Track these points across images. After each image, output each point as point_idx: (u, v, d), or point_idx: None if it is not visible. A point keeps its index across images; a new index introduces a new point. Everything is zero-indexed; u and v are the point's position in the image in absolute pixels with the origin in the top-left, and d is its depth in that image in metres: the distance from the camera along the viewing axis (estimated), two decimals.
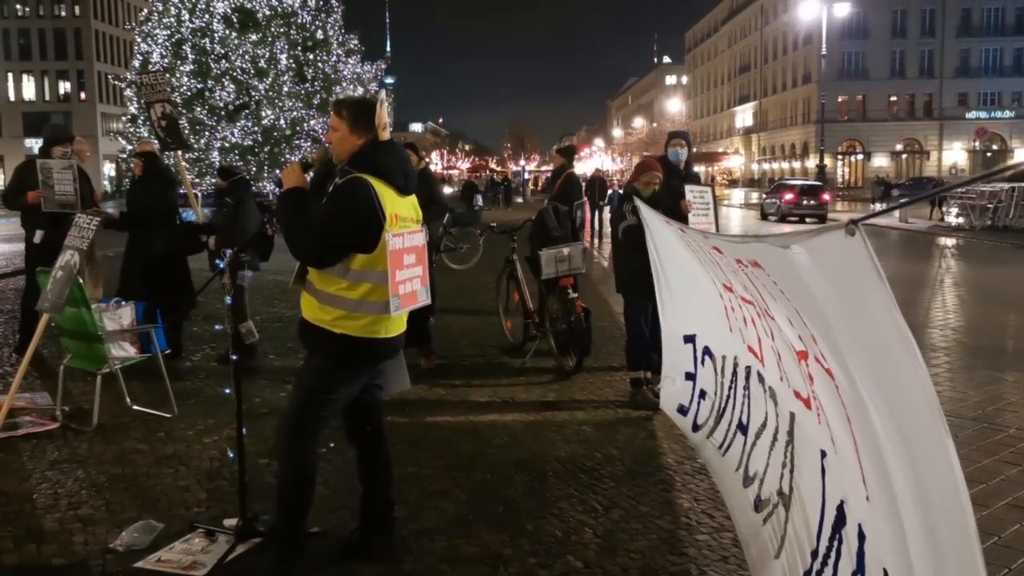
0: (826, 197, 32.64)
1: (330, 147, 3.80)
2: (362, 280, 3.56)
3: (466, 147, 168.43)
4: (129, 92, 27.87)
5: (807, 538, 2.91)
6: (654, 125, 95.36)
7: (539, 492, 4.82)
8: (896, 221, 28.64)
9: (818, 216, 31.57)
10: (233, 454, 4.33)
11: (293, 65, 27.12)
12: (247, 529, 4.01)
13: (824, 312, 2.34)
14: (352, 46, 29.69)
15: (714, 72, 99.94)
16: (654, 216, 5.82)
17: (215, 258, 7.40)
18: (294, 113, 26.73)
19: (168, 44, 26.56)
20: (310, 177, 3.91)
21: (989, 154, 65.53)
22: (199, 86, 26.27)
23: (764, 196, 38.01)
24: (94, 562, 3.95)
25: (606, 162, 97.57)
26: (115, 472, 5.05)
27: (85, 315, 5.84)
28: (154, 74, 8.54)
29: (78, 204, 7.62)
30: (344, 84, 28.54)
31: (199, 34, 26.35)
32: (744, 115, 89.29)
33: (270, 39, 26.59)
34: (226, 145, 26.30)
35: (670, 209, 6.56)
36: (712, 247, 3.78)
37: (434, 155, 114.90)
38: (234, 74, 26.25)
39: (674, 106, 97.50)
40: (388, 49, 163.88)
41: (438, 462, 5.25)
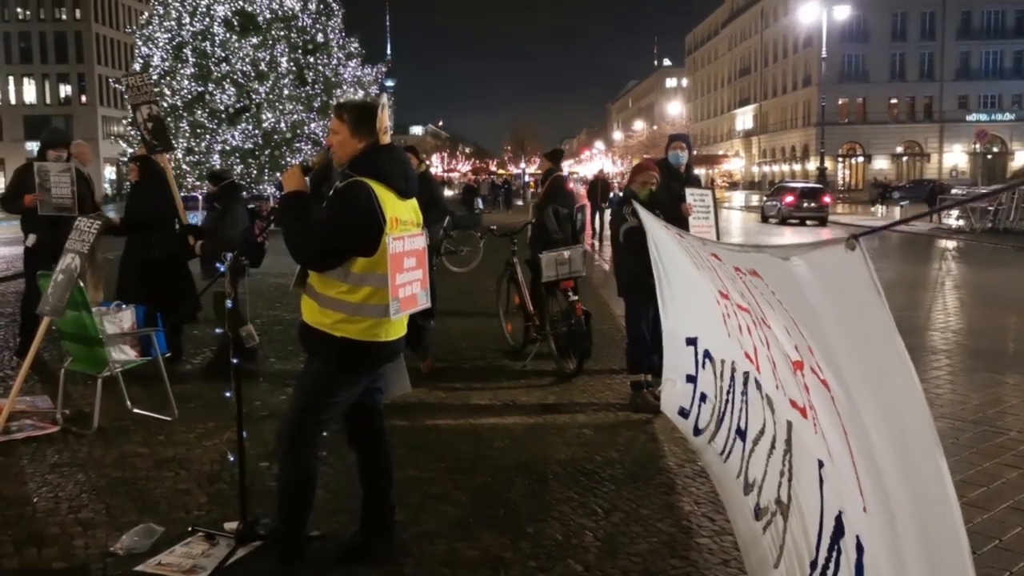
0: (827, 200, 32.63)
1: (331, 150, 3.80)
2: (362, 284, 3.56)
3: (466, 150, 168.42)
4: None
5: (806, 548, 2.91)
6: (654, 128, 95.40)
7: (540, 495, 4.82)
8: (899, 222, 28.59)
9: (819, 219, 31.59)
10: (233, 457, 4.32)
11: (294, 68, 27.11)
12: (247, 533, 4.01)
13: (821, 324, 2.35)
14: (352, 49, 29.68)
15: (714, 75, 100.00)
16: (652, 220, 5.83)
17: (214, 262, 7.36)
18: (294, 116, 26.72)
19: (169, 47, 26.55)
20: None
21: (989, 157, 65.50)
22: (200, 89, 26.26)
23: (764, 199, 38.03)
24: (94, 566, 3.95)
25: (607, 165, 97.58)
26: (115, 475, 5.05)
27: (86, 318, 5.84)
28: (138, 76, 8.48)
29: (75, 207, 7.62)
30: (345, 87, 28.54)
31: (200, 37, 26.34)
32: (744, 118, 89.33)
33: (271, 42, 26.58)
34: (227, 148, 26.29)
35: (670, 212, 6.57)
36: (711, 254, 3.78)
37: (434, 158, 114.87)
38: (235, 77, 26.25)
39: (674, 109, 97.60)
40: (388, 52, 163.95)
41: (438, 465, 5.25)
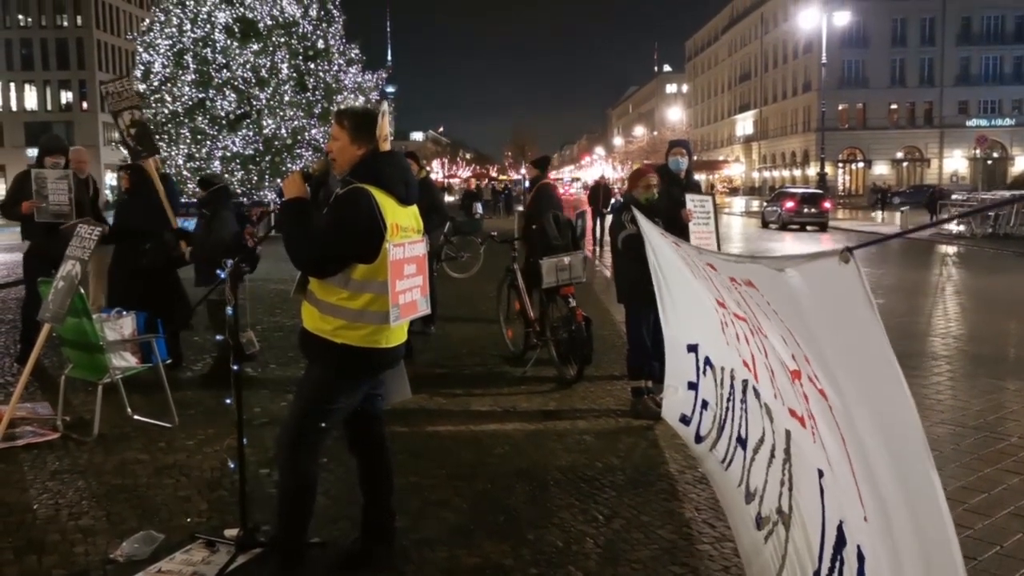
0: (827, 205, 32.64)
1: (330, 157, 3.81)
2: (363, 290, 3.57)
3: (467, 156, 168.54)
4: None
5: (809, 558, 2.90)
6: (655, 133, 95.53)
7: (540, 502, 4.81)
8: (897, 229, 28.64)
9: (819, 224, 31.60)
10: (234, 464, 4.32)
11: (294, 74, 27.18)
12: (248, 539, 4.00)
13: (816, 335, 2.35)
14: (353, 55, 29.76)
15: (714, 80, 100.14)
16: (651, 227, 5.83)
17: (205, 268, 7.36)
18: (295, 122, 26.78)
19: (170, 54, 26.62)
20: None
21: (990, 162, 65.54)
22: (200, 95, 26.33)
23: (765, 204, 38.04)
24: (94, 573, 3.94)
25: (607, 170, 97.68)
26: (116, 482, 5.05)
27: (86, 325, 5.85)
28: (118, 81, 8.43)
29: (72, 214, 7.63)
30: (345, 93, 28.60)
31: (200, 44, 26.41)
32: (744, 123, 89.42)
33: (271, 49, 26.65)
34: (227, 154, 26.35)
35: (670, 218, 6.56)
36: (707, 263, 3.78)
37: (435, 164, 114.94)
38: (235, 83, 26.31)
39: (675, 114, 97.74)
40: (389, 58, 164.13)
41: (439, 471, 5.24)
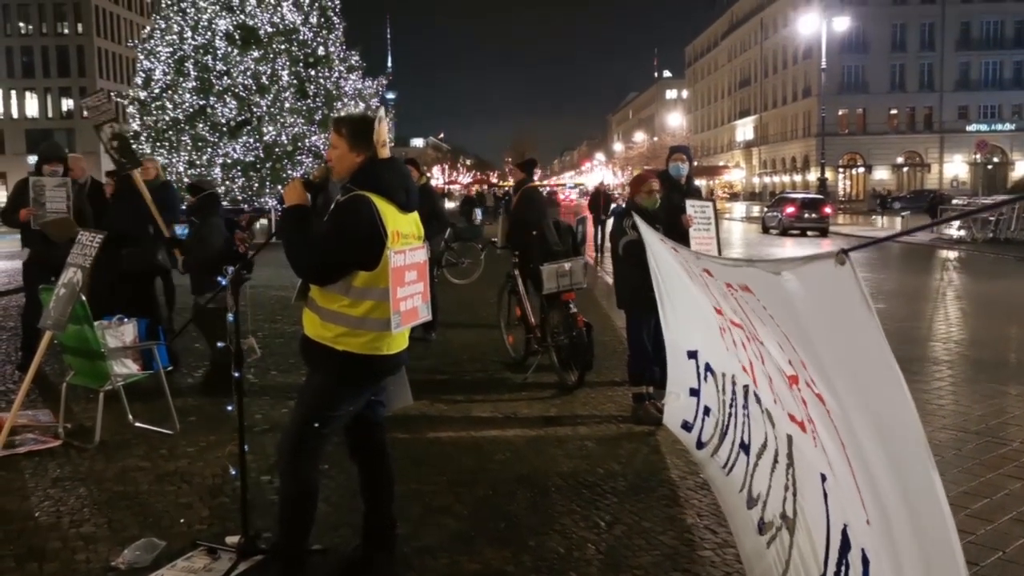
0: (827, 210, 32.62)
1: (330, 165, 3.81)
2: (364, 297, 3.57)
3: (467, 162, 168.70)
4: (132, 109, 27.98)
5: (814, 563, 2.89)
6: (655, 139, 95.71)
7: (541, 508, 4.80)
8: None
9: (819, 229, 31.60)
10: (235, 471, 4.31)
11: (295, 81, 27.19)
12: (249, 547, 4.00)
13: (813, 339, 2.35)
14: (353, 62, 29.77)
15: (714, 86, 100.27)
16: (651, 232, 5.83)
17: (199, 276, 7.38)
18: (295, 129, 26.77)
19: (170, 61, 26.64)
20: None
21: (990, 167, 65.58)
22: (201, 103, 26.34)
23: (765, 209, 38.03)
24: None
25: (607, 176, 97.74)
26: (117, 489, 5.05)
27: (87, 332, 5.85)
28: (95, 95, 8.50)
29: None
30: (345, 100, 28.61)
31: (201, 51, 26.43)
32: (745, 129, 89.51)
33: (272, 56, 26.67)
34: (228, 161, 26.36)
35: (671, 224, 6.57)
36: (703, 269, 3.78)
37: (435, 170, 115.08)
38: (236, 91, 26.32)
39: (675, 120, 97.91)
40: (389, 64, 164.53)
41: (440, 478, 5.24)
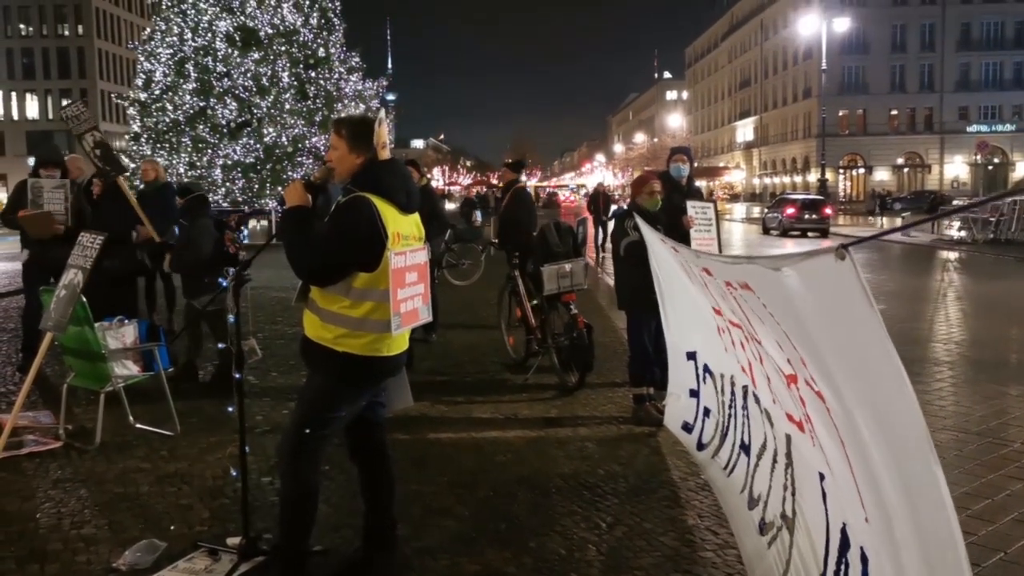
0: (828, 211, 32.64)
1: (330, 166, 3.81)
2: (364, 299, 3.57)
3: (467, 163, 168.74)
4: (132, 111, 28.00)
5: (814, 563, 2.89)
6: (655, 140, 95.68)
7: (542, 509, 4.80)
8: (898, 234, 28.63)
9: (820, 230, 31.60)
10: (236, 472, 4.32)
11: (295, 83, 27.20)
12: (250, 548, 4.00)
13: (813, 335, 2.34)
14: (354, 63, 29.79)
15: (714, 87, 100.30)
16: (652, 233, 5.83)
17: (190, 278, 7.41)
18: (296, 130, 26.78)
19: (171, 63, 26.66)
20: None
21: (990, 168, 65.58)
22: (201, 104, 26.35)
23: (766, 210, 38.05)
24: None
25: (607, 177, 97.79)
26: (118, 491, 5.05)
27: (88, 334, 5.85)
28: (72, 106, 8.57)
29: (68, 222, 7.64)
30: (346, 102, 28.62)
31: (201, 53, 26.44)
32: (745, 130, 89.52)
33: (272, 57, 26.68)
34: (228, 163, 26.37)
35: (672, 225, 6.57)
36: (702, 269, 3.77)
37: (435, 171, 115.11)
38: (236, 92, 26.34)
39: (675, 121, 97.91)
40: (390, 65, 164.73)
41: (440, 479, 5.24)
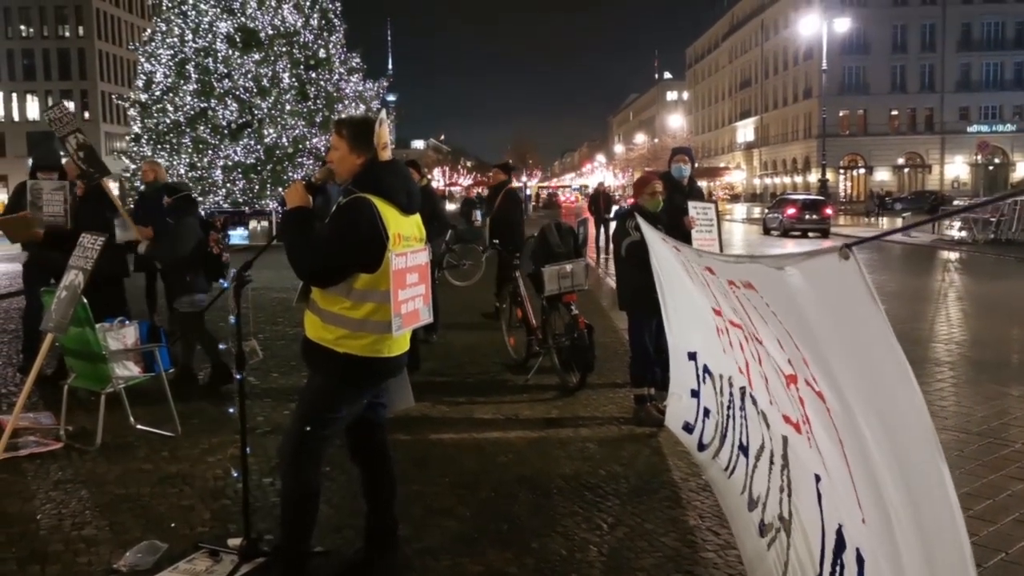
0: (828, 212, 32.62)
1: (331, 167, 3.82)
2: (365, 300, 3.57)
3: (468, 163, 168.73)
4: (133, 112, 28.02)
5: (810, 564, 2.89)
6: (655, 141, 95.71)
7: (544, 510, 4.80)
8: (899, 234, 28.61)
9: (821, 231, 31.58)
10: (237, 473, 4.32)
11: (295, 84, 27.22)
12: (251, 549, 4.00)
13: (816, 335, 2.34)
14: (354, 64, 29.81)
15: (715, 88, 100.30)
16: (653, 233, 5.83)
17: (172, 278, 7.46)
18: (296, 131, 26.80)
19: (171, 64, 26.68)
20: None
21: (991, 168, 65.55)
22: (202, 105, 26.37)
23: (766, 211, 38.04)
24: None
25: (608, 178, 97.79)
26: (119, 492, 5.04)
27: (89, 335, 5.85)
28: (56, 107, 8.61)
29: (68, 224, 7.64)
30: (346, 102, 28.64)
31: (202, 54, 26.46)
32: (745, 130, 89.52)
33: (272, 58, 26.70)
34: (229, 164, 26.38)
35: (673, 225, 6.57)
36: (705, 268, 3.77)
37: (436, 172, 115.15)
38: (237, 93, 26.36)
39: (675, 122, 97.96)
40: (390, 66, 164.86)
41: (442, 480, 5.24)
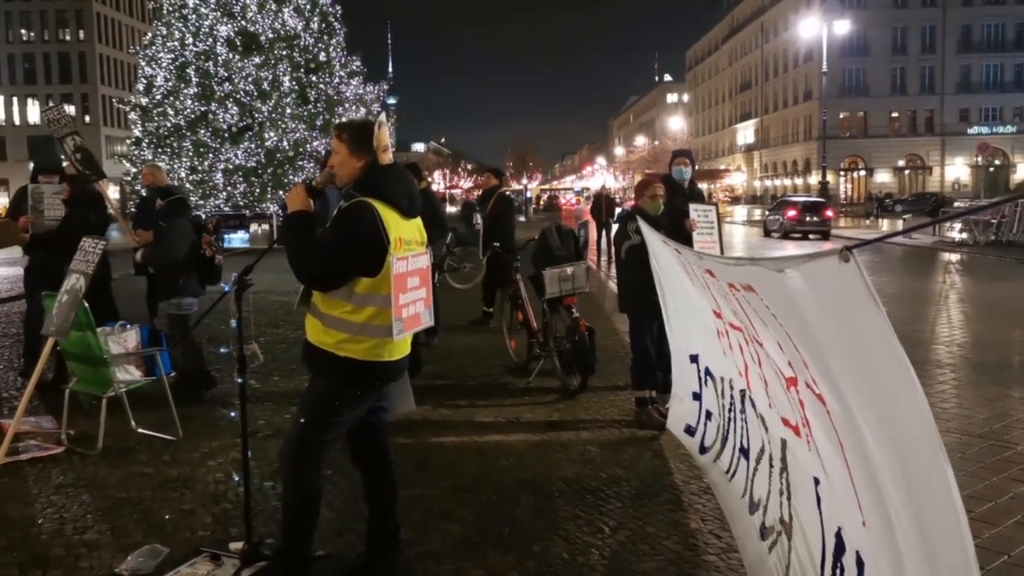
0: (829, 214, 32.61)
1: (332, 171, 3.82)
2: (366, 304, 3.57)
3: (468, 166, 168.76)
4: (133, 115, 28.05)
5: (811, 567, 2.89)
6: (656, 143, 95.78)
7: (545, 513, 4.80)
8: (900, 236, 28.61)
9: (821, 232, 31.57)
10: (238, 477, 4.31)
11: (296, 87, 27.26)
12: (252, 553, 3.99)
13: (817, 337, 2.33)
14: (354, 67, 29.86)
15: (715, 90, 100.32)
16: (654, 236, 5.83)
17: (163, 281, 7.44)
18: (297, 135, 26.84)
19: (172, 67, 26.73)
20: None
21: (992, 169, 65.53)
22: (203, 108, 26.41)
23: (767, 213, 38.05)
24: None
25: (608, 180, 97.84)
26: (120, 496, 5.04)
27: (91, 339, 5.85)
28: (54, 109, 8.62)
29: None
30: (347, 105, 28.67)
31: (203, 57, 26.51)
32: (746, 132, 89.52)
33: (273, 61, 26.75)
34: (229, 167, 26.41)
35: (674, 228, 6.56)
36: (705, 270, 3.77)
37: (436, 174, 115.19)
38: (237, 96, 26.40)
39: (675, 124, 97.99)
40: (391, 69, 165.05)
41: (443, 483, 5.23)
